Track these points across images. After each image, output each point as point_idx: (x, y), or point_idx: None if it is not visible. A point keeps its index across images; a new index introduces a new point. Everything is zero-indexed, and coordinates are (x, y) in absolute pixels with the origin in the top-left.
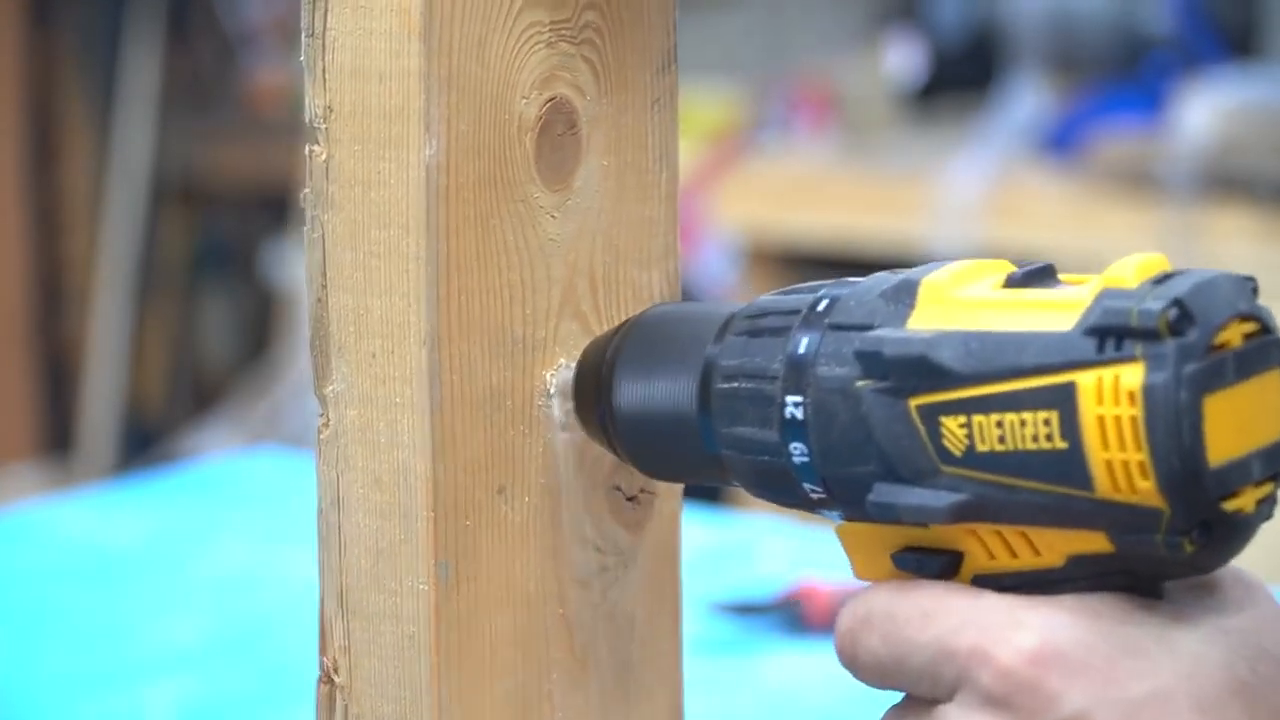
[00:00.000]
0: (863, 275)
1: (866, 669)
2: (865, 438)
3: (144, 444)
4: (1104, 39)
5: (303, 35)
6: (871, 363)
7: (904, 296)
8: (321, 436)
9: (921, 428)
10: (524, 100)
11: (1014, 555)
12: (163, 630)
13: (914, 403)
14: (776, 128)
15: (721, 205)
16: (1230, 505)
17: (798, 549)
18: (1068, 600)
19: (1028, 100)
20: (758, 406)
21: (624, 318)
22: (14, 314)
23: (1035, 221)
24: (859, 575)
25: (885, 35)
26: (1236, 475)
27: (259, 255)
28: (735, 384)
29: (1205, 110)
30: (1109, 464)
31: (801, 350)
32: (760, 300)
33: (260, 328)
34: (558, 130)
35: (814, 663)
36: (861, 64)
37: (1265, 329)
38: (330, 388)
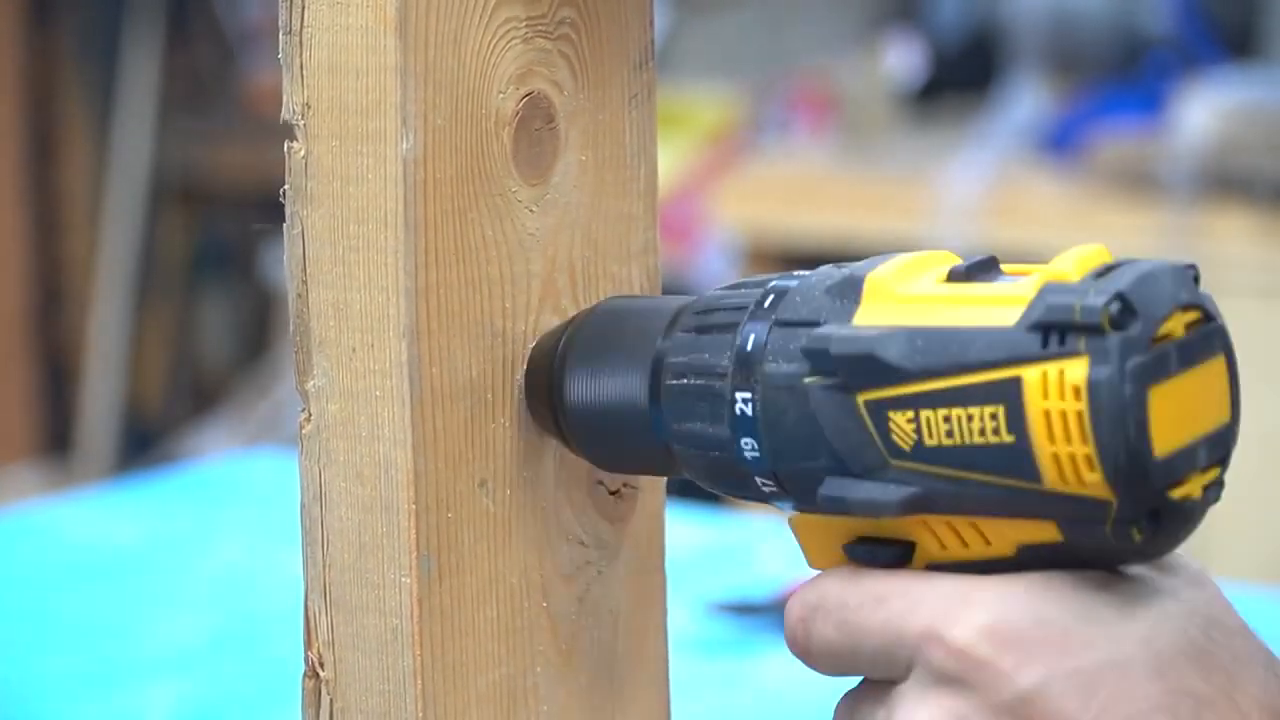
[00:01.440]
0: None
1: (820, 656)
2: (815, 433)
3: (144, 444)
4: (1104, 39)
5: (280, 33)
6: (819, 359)
7: (849, 292)
8: (303, 431)
9: (870, 423)
10: (501, 95)
11: (965, 545)
12: (163, 630)
13: (862, 398)
14: (776, 128)
15: (721, 205)
16: (1177, 493)
17: (795, 549)
18: (1020, 578)
19: (1027, 100)
20: (708, 402)
21: None
22: (14, 314)
23: (1035, 221)
24: (812, 565)
25: (885, 36)
26: (1183, 464)
27: (259, 255)
28: (685, 380)
29: (1205, 110)
30: (1056, 457)
31: (749, 346)
32: (708, 295)
33: (260, 328)
34: (535, 125)
35: None
36: (861, 64)
37: (1207, 317)
38: (311, 383)
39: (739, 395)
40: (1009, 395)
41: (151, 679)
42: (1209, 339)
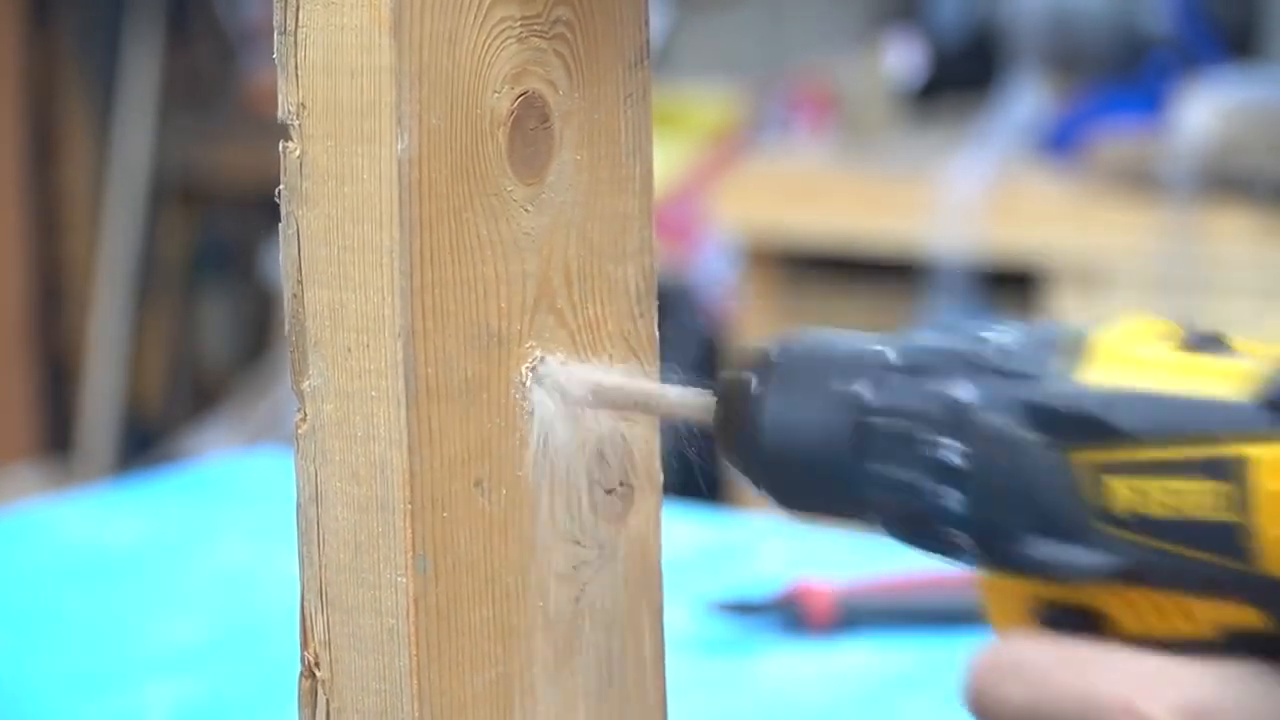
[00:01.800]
0: (862, 275)
1: (1000, 718)
2: (1022, 489)
3: (144, 444)
4: (1104, 39)
5: (275, 33)
6: (1039, 414)
7: (1074, 349)
8: (299, 431)
9: (1083, 484)
10: (496, 95)
11: (1164, 621)
12: (163, 630)
13: (1078, 458)
14: (776, 128)
15: (721, 205)
16: None
17: (797, 549)
18: (1227, 663)
19: (1028, 100)
20: (914, 448)
21: (600, 311)
22: (14, 314)
23: (1035, 221)
24: (996, 628)
25: (885, 35)
26: None
27: (259, 255)
28: (893, 422)
29: (1205, 110)
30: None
31: (963, 394)
32: (918, 337)
33: (260, 328)
34: (530, 124)
35: (812, 663)
36: (861, 64)
37: None
38: (307, 383)
39: (946, 443)
40: (1237, 472)
41: (151, 679)
42: None
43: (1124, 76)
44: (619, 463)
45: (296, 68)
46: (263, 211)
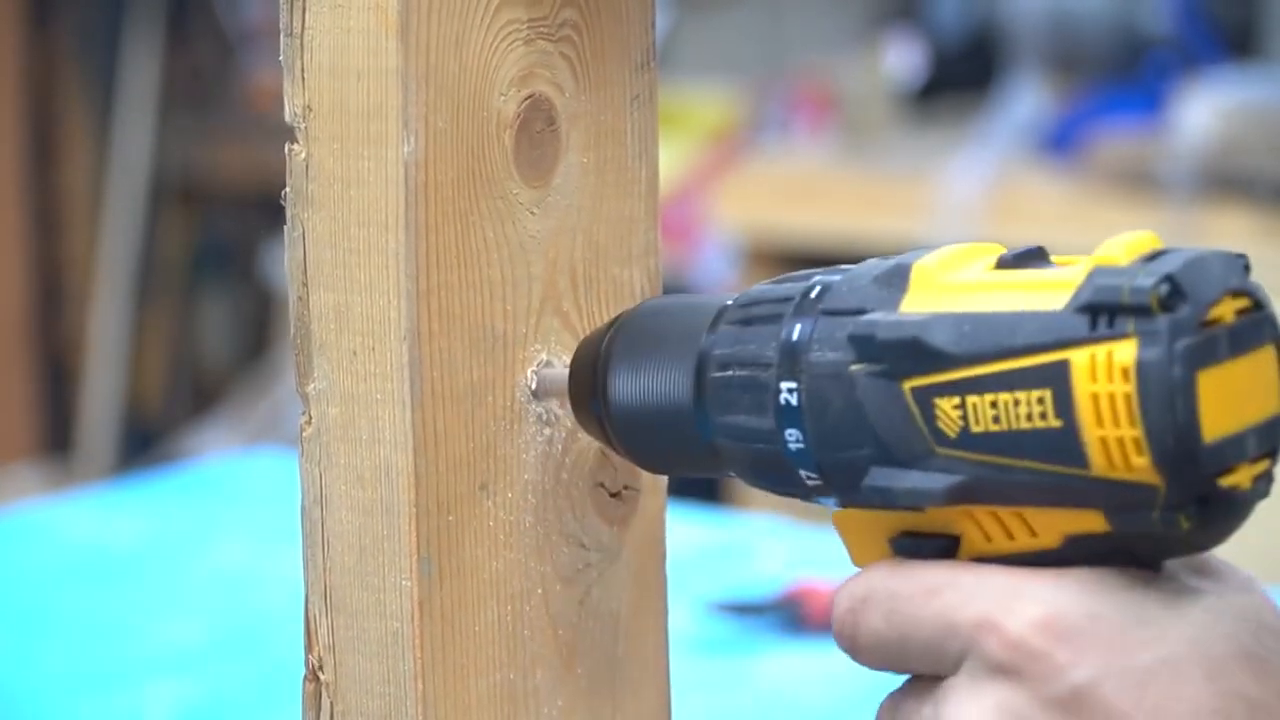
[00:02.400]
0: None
1: (867, 649)
2: (860, 422)
3: (144, 444)
4: (1104, 39)
5: (281, 35)
6: (865, 346)
7: (896, 280)
8: (304, 434)
9: (916, 410)
10: (502, 97)
11: (1010, 537)
12: (163, 630)
13: (908, 385)
14: (776, 128)
15: (721, 205)
16: (1226, 481)
17: (796, 549)
18: (1072, 572)
19: (1027, 100)
20: (752, 394)
21: (605, 314)
22: (14, 314)
23: (1035, 221)
24: (856, 562)
25: (885, 35)
26: (1231, 451)
27: (259, 255)
28: (729, 372)
29: (1205, 110)
30: (1103, 441)
31: (795, 336)
32: (752, 290)
33: (260, 328)
34: (536, 127)
35: (812, 662)
36: (861, 64)
37: (1257, 305)
38: (312, 385)
39: (784, 385)
40: (1056, 379)
41: (151, 679)
42: (1259, 327)
43: (1124, 76)
44: (623, 466)
45: (303, 70)
46: (263, 211)
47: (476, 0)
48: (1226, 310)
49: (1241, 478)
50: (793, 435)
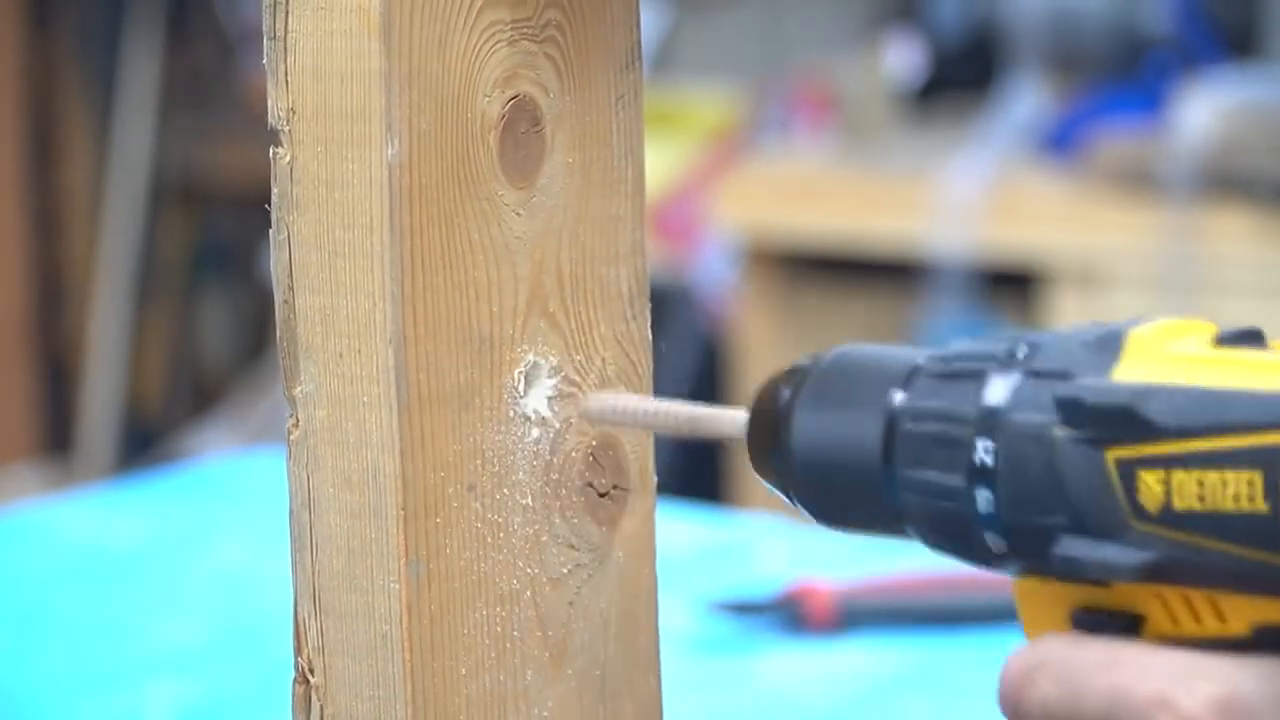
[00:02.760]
0: (862, 275)
1: (1033, 717)
2: (1056, 488)
3: (144, 444)
4: (1104, 39)
5: (264, 38)
6: (1071, 410)
7: (1109, 346)
8: (291, 437)
9: (1117, 481)
10: (486, 99)
11: (1198, 621)
12: (163, 630)
13: (1112, 454)
14: (776, 128)
15: (721, 205)
16: None
17: (796, 549)
18: (1253, 658)
19: (1027, 100)
20: (946, 449)
21: (593, 315)
22: (14, 314)
23: (1035, 221)
24: (1029, 634)
25: (885, 35)
26: None
27: (259, 255)
28: (924, 425)
29: (1205, 110)
30: None
31: (997, 394)
32: (953, 345)
33: (260, 328)
34: (521, 128)
35: (812, 662)
36: (861, 64)
37: None
38: (299, 388)
39: (980, 444)
40: (1268, 461)
41: (151, 679)
42: None
43: (1124, 76)
44: (612, 466)
45: (286, 73)
46: (263, 211)
47: (459, 1)
48: None
49: None
50: (984, 496)
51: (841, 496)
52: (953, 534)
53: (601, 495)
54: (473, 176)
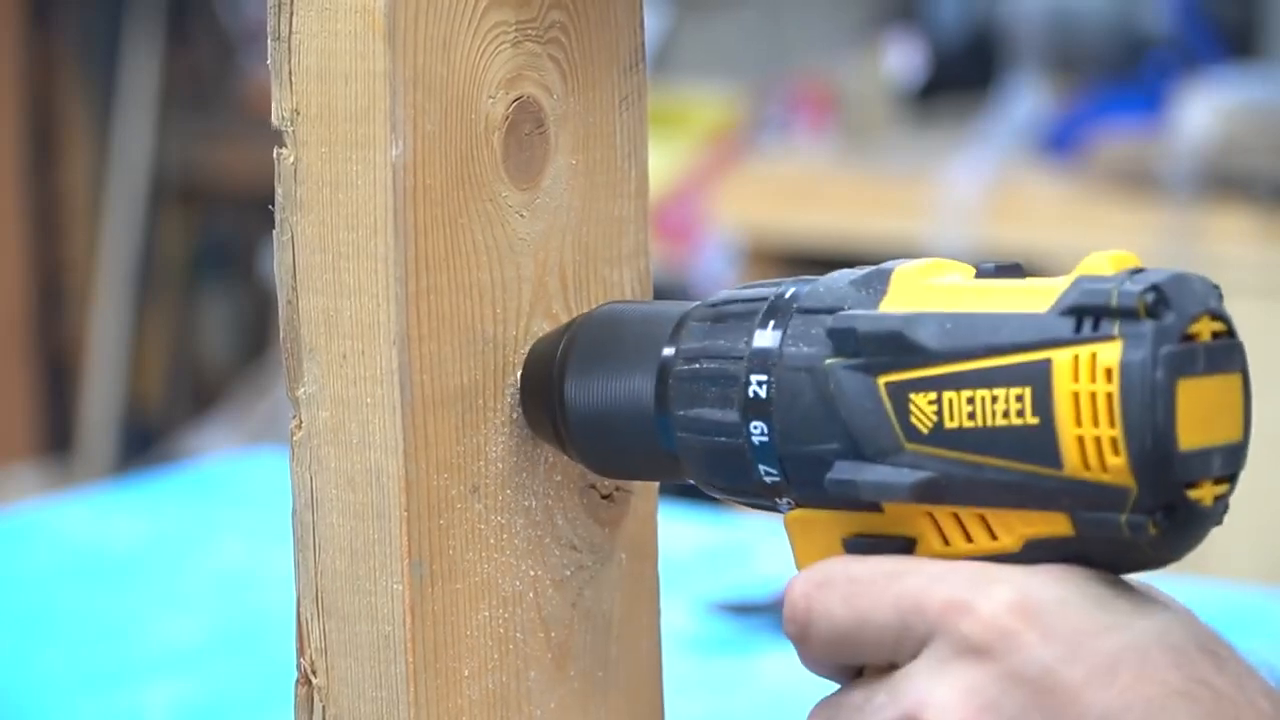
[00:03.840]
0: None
1: (819, 636)
2: (830, 416)
3: (144, 444)
4: (1104, 39)
5: (268, 39)
6: (843, 340)
7: (875, 283)
8: (294, 438)
9: (889, 405)
10: (490, 100)
11: (969, 540)
12: (163, 630)
13: (884, 379)
14: (776, 128)
15: (721, 205)
16: (1193, 494)
17: None
18: (1038, 566)
19: (1027, 100)
20: (720, 386)
21: None
22: (14, 314)
23: (1035, 221)
24: (802, 566)
25: (885, 35)
26: (1200, 464)
27: (259, 255)
28: (697, 365)
29: (1205, 110)
30: (1080, 440)
31: (769, 331)
32: (722, 292)
33: (260, 328)
34: (525, 129)
35: None
36: (861, 64)
37: (1231, 333)
38: (302, 389)
39: (754, 378)
40: (1037, 377)
41: (150, 679)
42: (1231, 353)
43: (1124, 76)
44: None
45: (290, 74)
46: (263, 211)
47: (464, 3)
48: (1204, 329)
49: (1205, 494)
50: (758, 428)
51: (618, 447)
52: (727, 469)
53: (604, 497)
54: (477, 178)
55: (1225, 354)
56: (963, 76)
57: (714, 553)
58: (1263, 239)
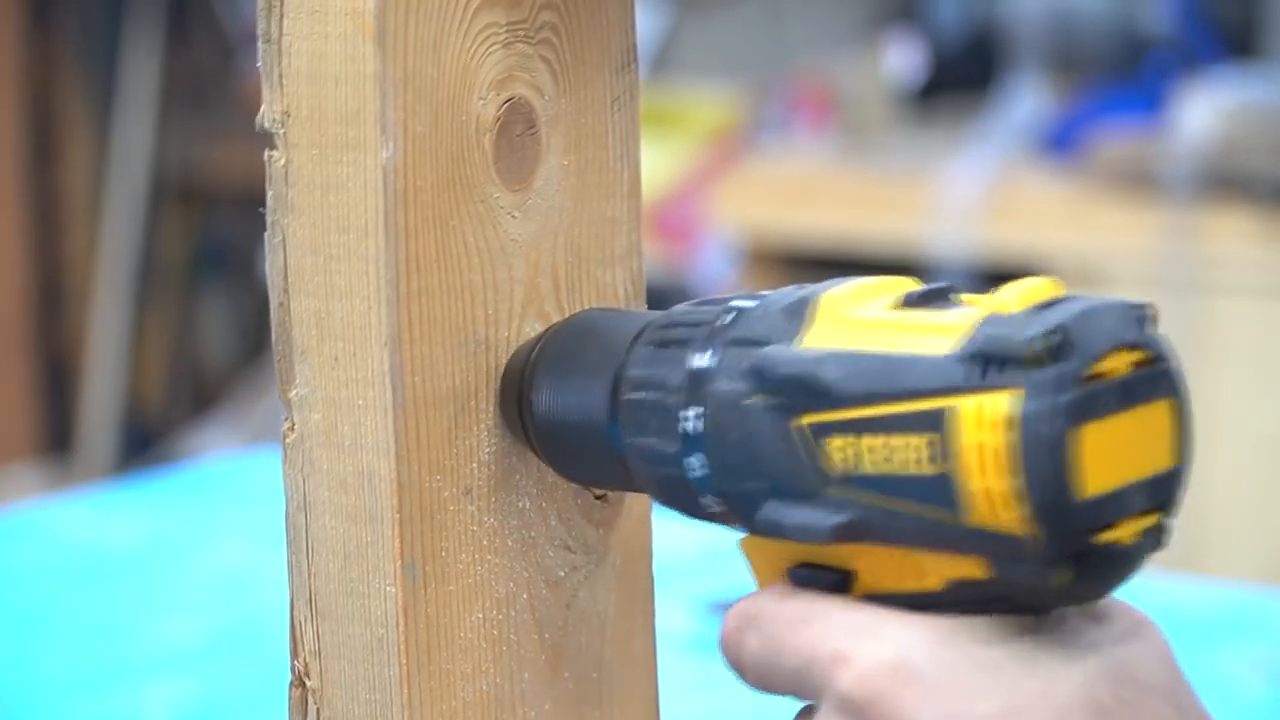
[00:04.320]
0: (858, 275)
1: (748, 669)
2: (756, 454)
3: (144, 444)
4: (1104, 39)
5: (259, 41)
6: (761, 379)
7: (800, 312)
8: (287, 441)
9: (808, 446)
10: (481, 101)
11: (899, 578)
12: (162, 630)
13: (800, 421)
14: (776, 128)
15: (721, 205)
16: (1106, 537)
17: None
18: (930, 618)
19: (1027, 100)
20: (659, 417)
21: None
22: (14, 314)
23: (1035, 222)
24: (759, 584)
25: (885, 35)
26: (1112, 507)
27: (259, 255)
28: (640, 394)
29: (1205, 110)
30: (983, 491)
31: (702, 363)
32: (673, 311)
33: (260, 328)
34: (516, 130)
35: None
36: (861, 64)
37: (1156, 359)
38: (294, 391)
39: (688, 413)
40: (938, 425)
41: (150, 679)
42: (1155, 381)
43: (1124, 76)
44: None
45: (281, 76)
46: (263, 211)
47: (454, 4)
48: (1120, 363)
49: (1123, 533)
50: (696, 461)
51: (578, 454)
52: (675, 496)
53: (597, 498)
54: (468, 179)
55: (1147, 384)
56: (963, 76)
57: (713, 553)
58: (1263, 239)
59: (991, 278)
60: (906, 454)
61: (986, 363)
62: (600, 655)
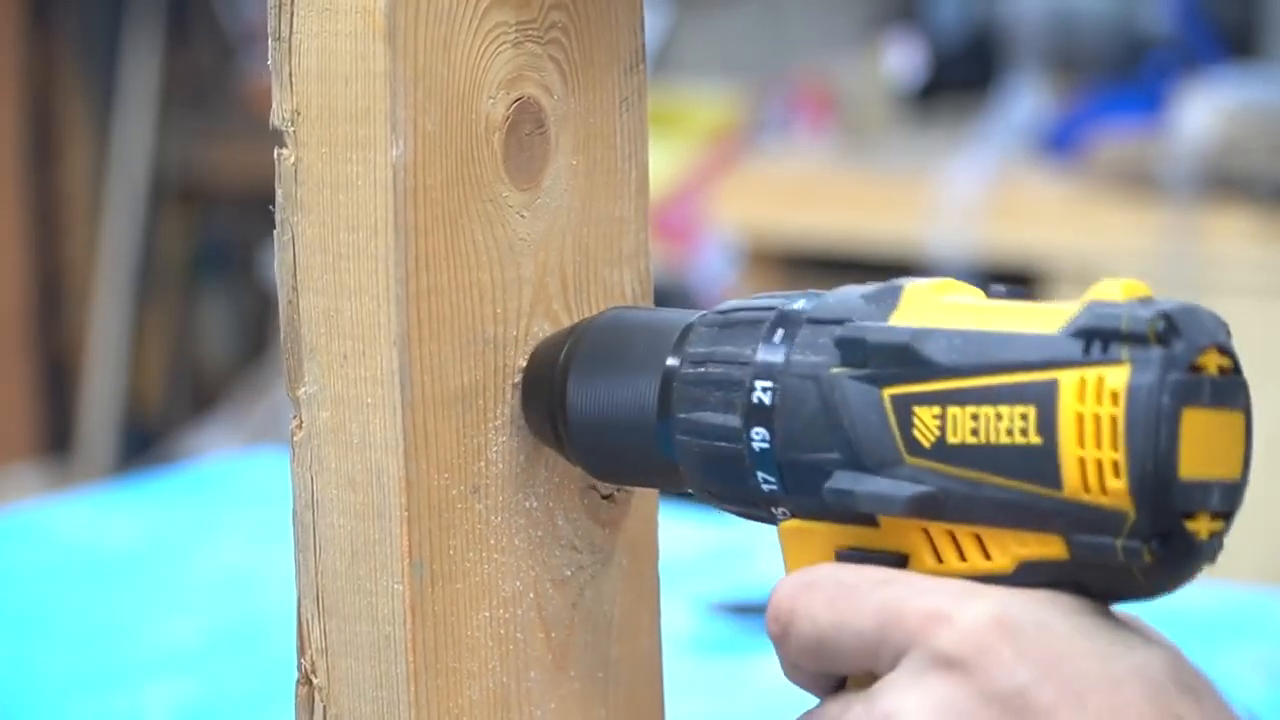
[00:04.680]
0: (862, 275)
1: (799, 637)
2: (832, 424)
3: (144, 444)
4: (1104, 39)
5: (269, 40)
6: (851, 349)
7: (887, 297)
8: (295, 438)
9: (893, 417)
10: (490, 100)
11: (962, 558)
12: (162, 630)
13: (889, 391)
14: (776, 128)
15: (721, 205)
16: (1190, 524)
17: None
18: (1024, 589)
19: (1027, 100)
20: (724, 390)
21: None
22: (14, 314)
23: (1035, 222)
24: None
25: (885, 35)
26: (1199, 496)
27: (259, 255)
28: (703, 369)
29: (1205, 110)
30: (1082, 462)
31: (777, 338)
32: (730, 301)
33: (260, 328)
34: (525, 130)
35: None
36: (861, 64)
37: (1236, 370)
38: (303, 389)
39: (759, 384)
40: (1043, 396)
41: (150, 679)
42: (1236, 391)
43: (1124, 76)
44: None
45: (290, 74)
46: (263, 211)
47: (464, 3)
48: (1211, 362)
49: (1201, 527)
50: (759, 434)
51: (617, 452)
52: (725, 475)
53: (604, 498)
54: (477, 178)
55: (1230, 390)
56: (963, 76)
57: (714, 553)
58: (1263, 239)
59: (992, 278)
60: (1004, 424)
61: (1095, 339)
62: (606, 654)
